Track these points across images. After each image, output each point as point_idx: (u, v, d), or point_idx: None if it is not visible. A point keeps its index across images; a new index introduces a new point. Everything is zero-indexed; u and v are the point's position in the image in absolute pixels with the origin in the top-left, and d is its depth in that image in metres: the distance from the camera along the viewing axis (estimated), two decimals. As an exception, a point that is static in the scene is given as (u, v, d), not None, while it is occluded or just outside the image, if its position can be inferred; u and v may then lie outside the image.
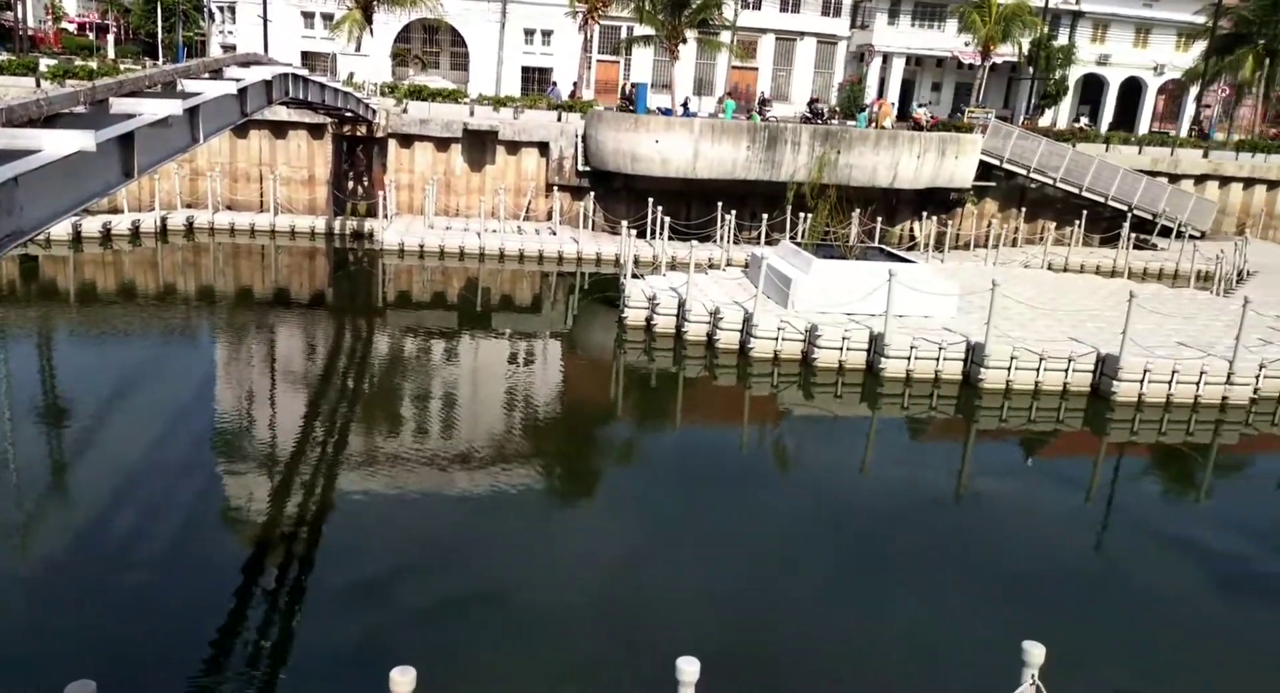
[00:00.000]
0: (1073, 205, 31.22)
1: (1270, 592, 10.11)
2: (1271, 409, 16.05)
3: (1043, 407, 15.70)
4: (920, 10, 43.59)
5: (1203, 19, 40.59)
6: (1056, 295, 20.84)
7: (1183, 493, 13.94)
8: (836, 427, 15.49)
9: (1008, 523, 11.72)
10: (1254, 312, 16.34)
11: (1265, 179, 34.65)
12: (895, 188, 28.94)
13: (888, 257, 19.82)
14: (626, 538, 10.50)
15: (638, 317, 18.80)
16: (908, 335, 16.28)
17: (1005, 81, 46.94)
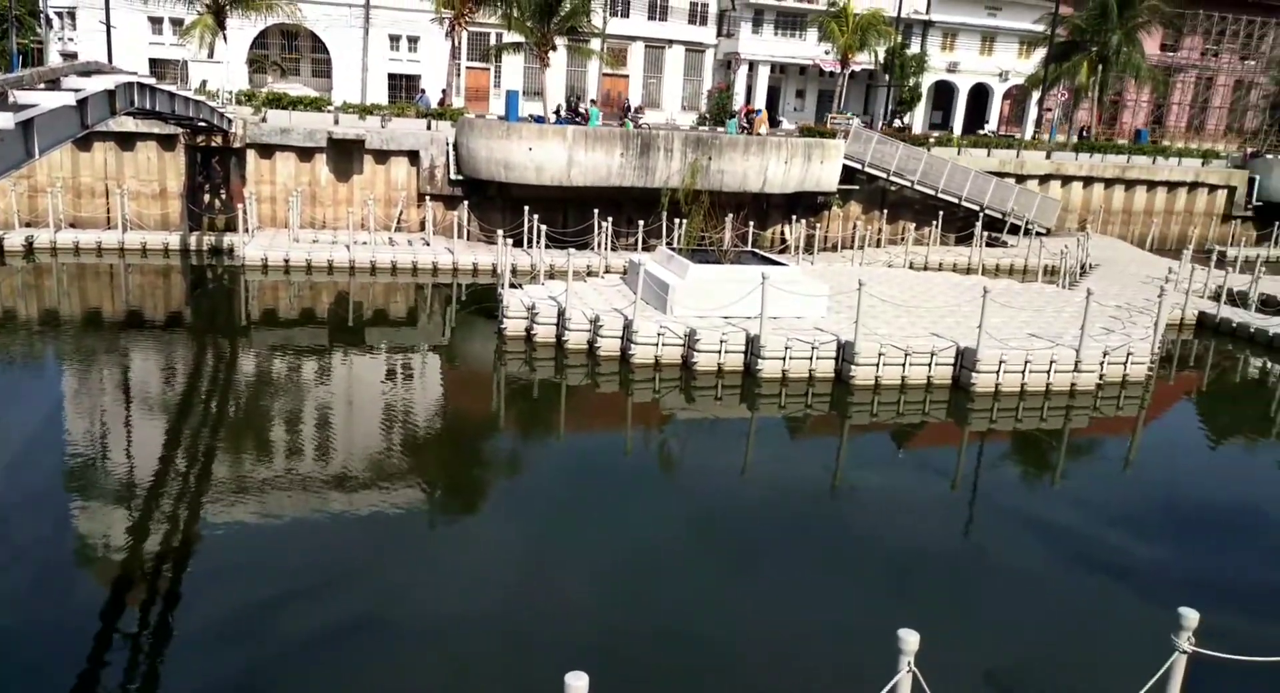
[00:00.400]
0: (930, 206, 32.80)
1: (1120, 564, 10.85)
2: (1115, 394, 17.27)
3: (909, 400, 16.40)
4: (782, 20, 44.94)
5: (1042, 28, 43.40)
6: (918, 293, 21.82)
7: (1039, 476, 14.81)
8: (718, 429, 15.76)
9: (882, 514, 12.18)
10: (1096, 303, 17.54)
11: (1102, 178, 37.32)
12: (766, 192, 29.73)
13: (761, 260, 20.31)
14: (512, 552, 10.38)
15: (517, 327, 18.63)
16: (782, 336, 16.72)
17: (865, 88, 48.92)
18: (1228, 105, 54.71)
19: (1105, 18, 40.13)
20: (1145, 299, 22.26)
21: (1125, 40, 40.51)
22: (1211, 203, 39.17)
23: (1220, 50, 53.25)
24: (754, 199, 29.95)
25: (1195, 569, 10.85)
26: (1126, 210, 37.98)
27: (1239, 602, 9.91)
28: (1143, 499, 13.27)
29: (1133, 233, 37.44)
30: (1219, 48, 53.17)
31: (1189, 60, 52.68)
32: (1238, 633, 8.21)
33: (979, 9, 47.78)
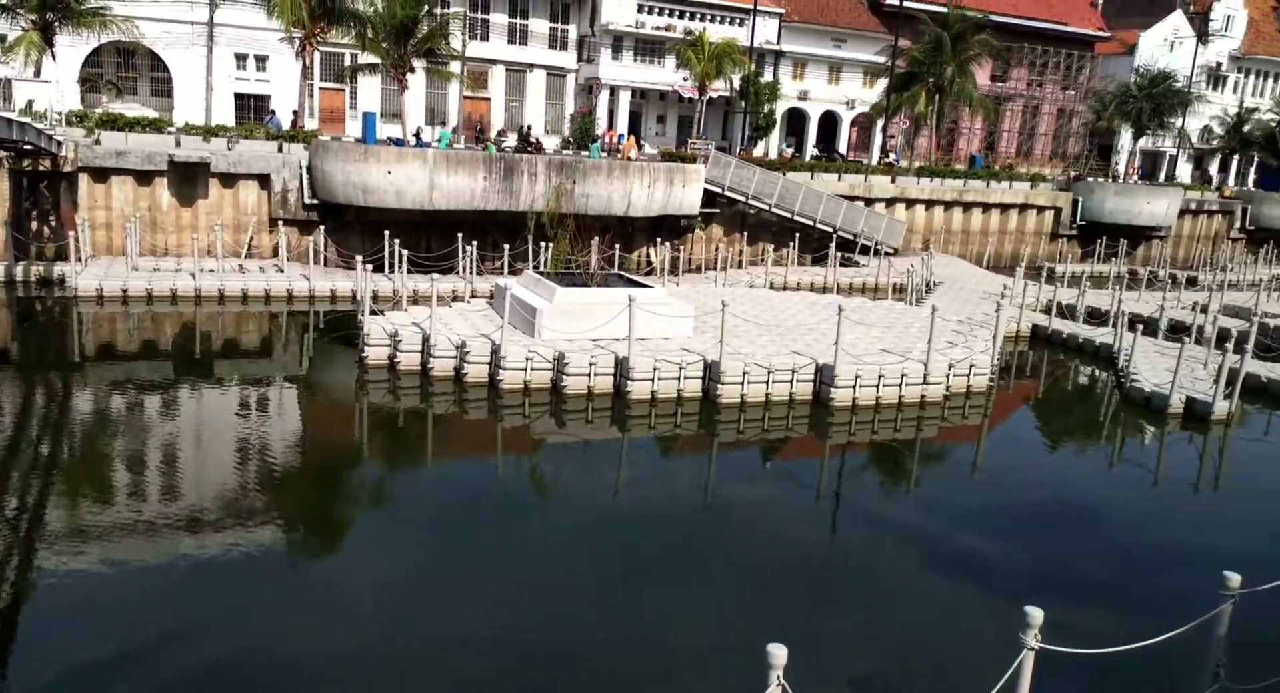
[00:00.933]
0: (787, 228, 34.01)
1: (972, 565, 11.45)
2: (961, 404, 18.30)
3: (774, 416, 16.87)
4: (641, 47, 45.76)
5: (883, 60, 45.90)
6: (779, 312, 22.53)
7: (895, 484, 15.49)
8: (589, 451, 15.73)
9: (751, 528, 12.43)
10: (940, 318, 18.58)
11: (942, 200, 39.67)
12: (630, 216, 30.09)
13: (627, 282, 20.50)
14: (379, 589, 10.00)
15: (379, 355, 18.09)
16: (650, 357, 16.90)
17: (722, 114, 50.34)
18: (1052, 132, 59.30)
19: (940, 51, 42.83)
20: (984, 314, 23.74)
21: (959, 72, 43.32)
22: (1040, 223, 42.27)
23: (1044, 81, 57.72)
24: (619, 222, 30.26)
25: (1040, 567, 11.57)
26: (965, 230, 40.48)
27: (1081, 596, 10.62)
28: (989, 502, 14.08)
29: (971, 251, 39.91)
30: (1043, 79, 57.62)
31: (1017, 90, 56.83)
32: (1080, 626, 8.79)
33: (826, 41, 50.07)
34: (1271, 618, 8.56)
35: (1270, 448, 17.87)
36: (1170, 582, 11.13)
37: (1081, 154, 57.75)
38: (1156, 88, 47.85)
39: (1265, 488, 15.36)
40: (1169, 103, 48.15)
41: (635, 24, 44.85)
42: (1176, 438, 17.44)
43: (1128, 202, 42.16)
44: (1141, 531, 13.19)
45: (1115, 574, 11.51)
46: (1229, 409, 17.61)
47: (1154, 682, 8.01)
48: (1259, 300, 28.30)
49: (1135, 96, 47.97)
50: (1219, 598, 7.19)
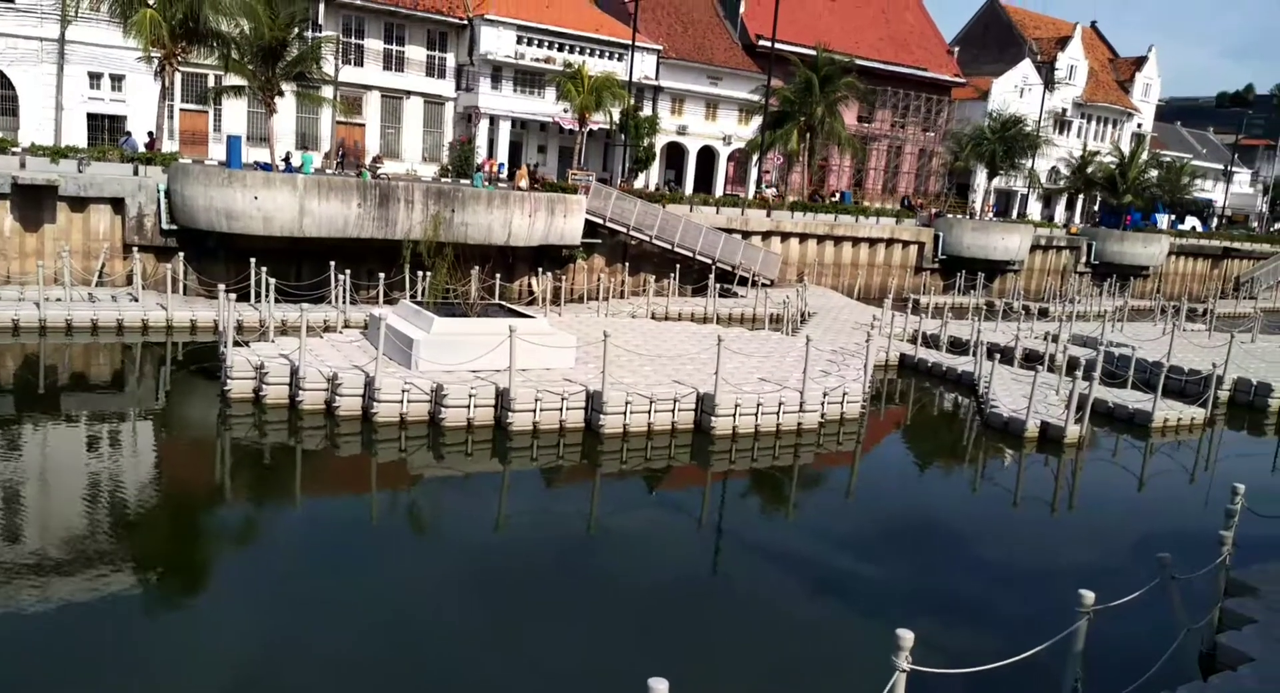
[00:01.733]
0: (668, 259, 34.47)
1: (849, 589, 11.69)
2: (835, 431, 18.81)
3: (656, 446, 16.90)
4: (521, 78, 45.80)
5: (757, 98, 47.43)
6: (660, 342, 22.72)
7: (774, 511, 15.73)
8: (470, 485, 15.34)
9: (635, 558, 12.36)
10: (815, 348, 19.11)
11: (814, 234, 41.10)
12: (511, 245, 29.86)
13: (508, 312, 20.26)
14: (248, 636, 9.40)
15: (244, 388, 17.21)
16: (532, 388, 16.69)
17: (603, 146, 50.86)
18: (914, 171, 62.51)
19: (810, 91, 44.58)
20: (855, 343, 24.59)
21: (828, 112, 45.17)
22: (906, 256, 44.33)
23: (906, 123, 60.89)
24: (500, 252, 29.98)
25: (911, 588, 11.92)
26: (836, 263, 42.03)
27: (949, 616, 10.99)
28: (863, 526, 14.47)
29: (842, 283, 41.43)
30: (905, 120, 60.79)
31: (881, 130, 59.73)
32: (949, 645, 9.07)
33: (702, 78, 51.40)
34: (1123, 632, 9.05)
35: (1117, 469, 19.08)
36: (1031, 600, 11.65)
37: (941, 193, 61.03)
38: (1008, 131, 51.15)
39: (1114, 507, 16.37)
40: (1020, 145, 51.53)
41: (514, 55, 44.89)
42: (1033, 461, 18.41)
43: (984, 237, 44.74)
44: (1003, 550, 13.80)
45: (980, 594, 11.98)
46: (1079, 433, 18.74)
47: (1019, 697, 8.31)
48: (1104, 330, 30.39)
49: (989, 139, 51.12)
50: (1075, 615, 7.55)
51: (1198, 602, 9.37)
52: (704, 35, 52.75)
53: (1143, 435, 20.38)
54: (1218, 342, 28.65)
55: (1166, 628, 8.68)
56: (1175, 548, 9.27)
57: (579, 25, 46.59)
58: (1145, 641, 8.77)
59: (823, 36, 50.54)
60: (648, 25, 48.43)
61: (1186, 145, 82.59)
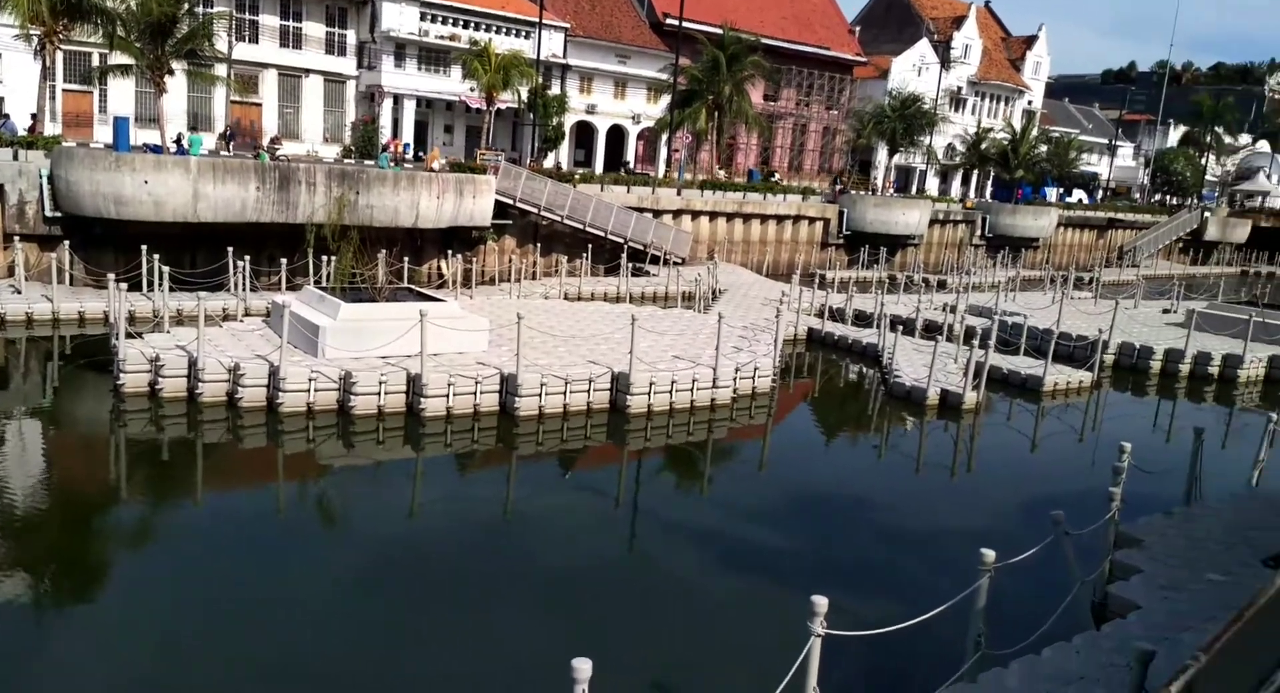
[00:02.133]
0: (580, 239, 34.36)
1: (765, 559, 11.97)
2: (747, 405, 19.16)
3: (572, 427, 16.93)
4: (425, 56, 44.78)
5: (666, 76, 47.45)
6: (574, 323, 22.69)
7: (690, 486, 15.97)
8: (381, 473, 15.09)
9: (554, 540, 12.38)
10: (727, 325, 19.40)
11: (724, 212, 41.52)
12: (419, 227, 29.29)
13: (418, 296, 19.92)
14: (151, 637, 9.09)
15: (138, 382, 16.49)
16: (445, 373, 16.48)
17: (511, 126, 50.22)
18: (819, 148, 63.66)
19: (717, 70, 44.89)
20: (765, 319, 25.04)
21: (735, 91, 45.59)
22: (812, 233, 45.20)
23: (811, 101, 61.91)
24: (407, 234, 29.38)
25: (824, 555, 12.30)
26: (745, 240, 42.59)
27: (860, 580, 11.39)
28: (776, 497, 14.81)
29: (751, 260, 42.02)
30: (809, 99, 61.79)
31: (787, 109, 60.59)
32: (862, 609, 9.40)
33: (610, 56, 51.18)
34: (1022, 587, 9.53)
35: (1012, 432, 19.97)
36: (936, 560, 12.15)
37: (844, 169, 62.37)
38: (908, 109, 52.54)
39: (1010, 469, 17.16)
40: (918, 123, 53.00)
41: (418, 32, 43.85)
42: (934, 427, 19.13)
43: (885, 213, 45.95)
44: (908, 514, 14.32)
45: (889, 557, 12.44)
46: (977, 399, 19.56)
47: (927, 655, 8.67)
48: (998, 300, 31.66)
49: (890, 117, 52.41)
50: (977, 573, 7.91)
51: (1089, 555, 9.92)
52: (611, 13, 52.49)
53: (1035, 400, 21.38)
54: (1103, 308, 30.17)
55: (1062, 582, 9.17)
56: (1068, 505, 9.79)
57: (485, 2, 45.77)
58: (1042, 594, 9.26)
59: (728, 15, 50.89)
60: (554, 3, 47.88)
61: (1074, 121, 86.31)
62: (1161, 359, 25.07)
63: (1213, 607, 9.27)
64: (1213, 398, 23.71)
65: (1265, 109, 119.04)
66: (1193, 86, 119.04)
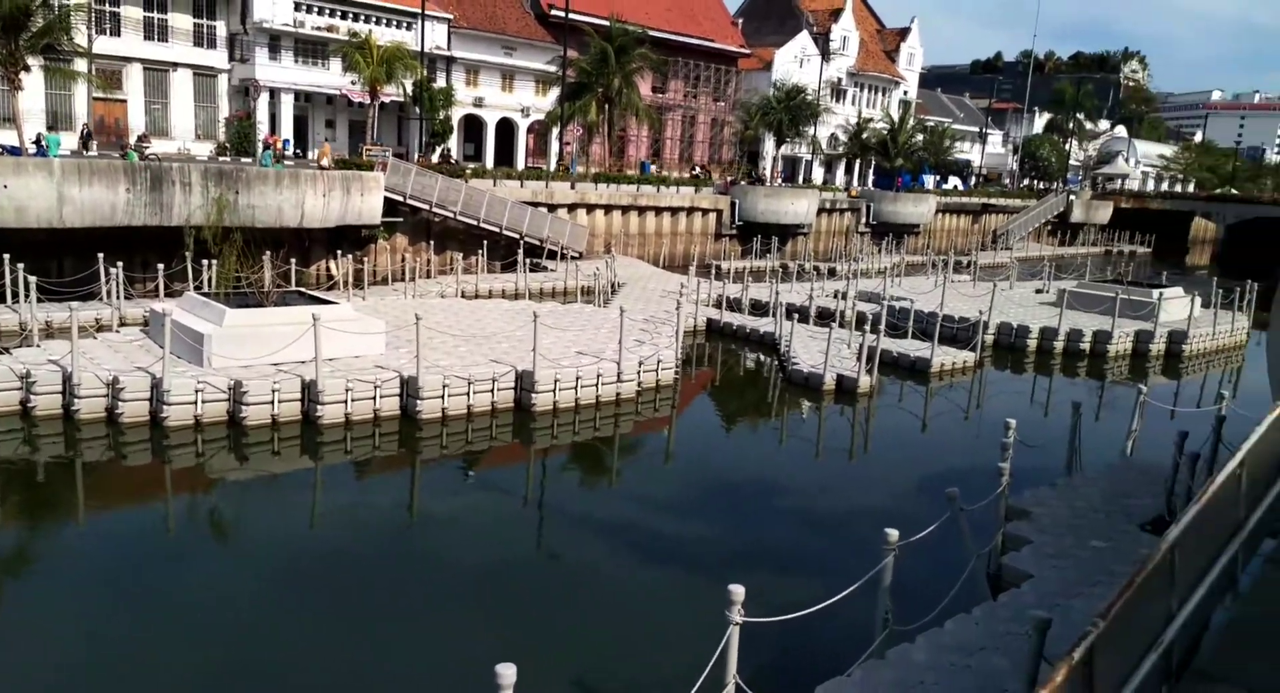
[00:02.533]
0: (474, 236, 33.85)
1: (679, 550, 12.11)
2: (652, 398, 19.31)
3: (477, 427, 16.71)
4: (302, 48, 43.21)
5: (554, 68, 47.13)
6: (474, 321, 22.38)
7: (600, 482, 16.01)
8: (278, 485, 14.56)
9: (464, 544, 12.22)
10: (629, 319, 19.48)
11: (619, 205, 41.62)
12: (305, 227, 28.29)
13: (309, 299, 19.27)
14: (30, 668, 8.53)
15: (9, 400, 15.42)
16: (341, 378, 16.01)
17: (396, 120, 49.00)
18: (708, 139, 64.48)
19: (606, 62, 44.86)
20: (665, 311, 25.27)
21: (625, 83, 45.67)
22: (706, 224, 45.80)
23: (698, 93, 62.58)
24: (293, 235, 28.34)
25: (736, 543, 12.52)
26: (641, 233, 42.83)
27: (773, 566, 11.65)
28: (684, 488, 15.00)
29: (648, 253, 42.30)
30: (697, 91, 62.46)
31: (675, 101, 61.09)
32: (777, 594, 9.62)
33: (496, 48, 50.49)
34: (923, 563, 9.93)
35: (905, 414, 20.76)
36: (843, 542, 12.56)
37: (734, 161, 63.39)
38: (792, 100, 53.74)
39: (906, 449, 17.85)
40: (803, 114, 54.30)
41: (293, 23, 42.26)
42: (831, 411, 19.71)
43: (776, 203, 46.96)
44: (814, 498, 14.74)
45: (798, 541, 12.78)
46: (870, 383, 20.25)
47: (839, 634, 8.95)
48: (885, 286, 32.80)
49: (776, 108, 53.50)
50: (881, 552, 8.20)
51: (983, 529, 10.41)
52: (495, 4, 51.76)
53: (924, 381, 22.28)
54: (981, 291, 31.64)
55: (959, 556, 9.60)
56: (960, 482, 10.25)
57: (362, -7, 44.42)
58: (942, 569, 9.67)
59: (615, 7, 50.87)
60: (435, -6, 46.88)
61: (946, 110, 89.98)
62: (1037, 337, 26.48)
63: (1098, 573, 9.89)
64: (1085, 373, 25.20)
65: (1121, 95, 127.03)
66: (1055, 75, 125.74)
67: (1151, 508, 11.94)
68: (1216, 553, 6.34)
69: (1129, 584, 4.98)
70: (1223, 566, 6.29)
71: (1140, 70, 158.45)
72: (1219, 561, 6.28)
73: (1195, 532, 5.77)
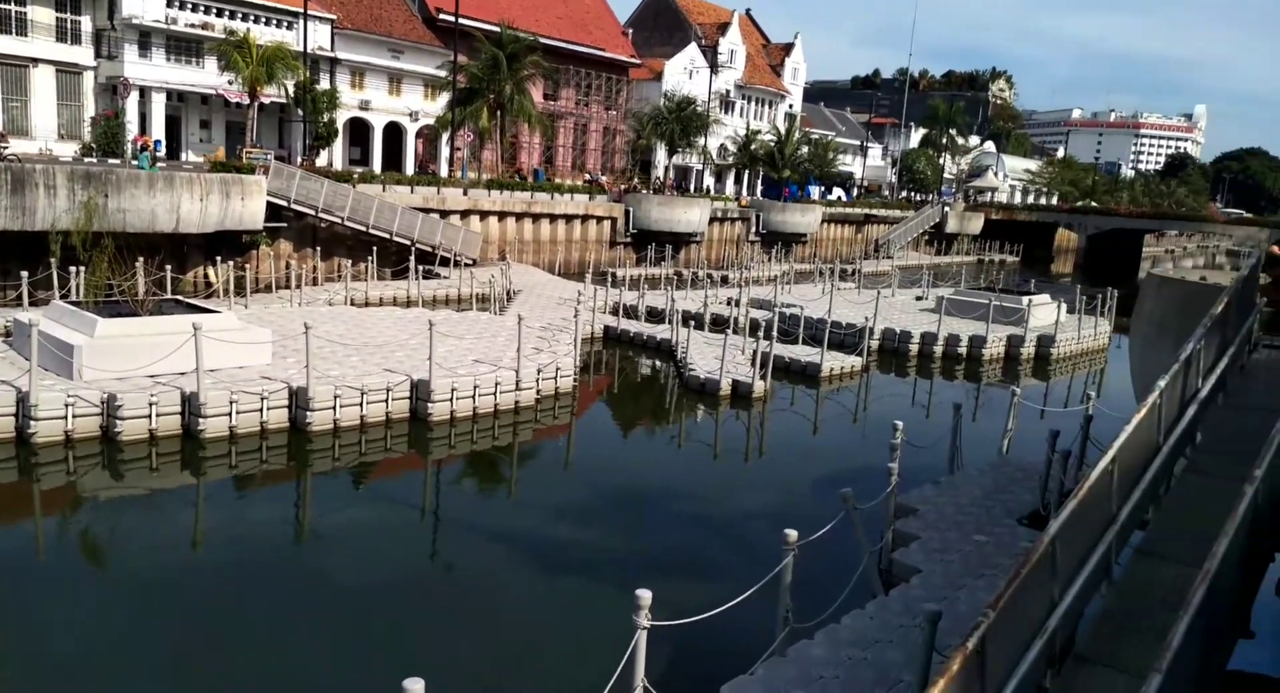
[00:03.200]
0: (363, 242, 33.04)
1: (585, 558, 12.12)
2: (551, 405, 19.26)
3: (371, 439, 16.30)
4: (175, 46, 41.29)
5: (444, 73, 46.52)
6: (365, 330, 21.82)
7: (499, 491, 15.86)
8: (158, 503, 13.83)
9: (360, 560, 11.89)
10: (526, 326, 19.37)
11: (513, 212, 41.35)
12: (181, 232, 27.04)
13: (188, 308, 18.39)
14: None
15: None
16: (225, 390, 15.36)
17: (278, 122, 47.36)
18: (601, 148, 64.78)
19: (497, 69, 44.57)
20: (562, 318, 25.24)
21: (516, 89, 45.45)
22: (600, 231, 46.00)
23: (590, 101, 62.83)
24: (169, 240, 27.03)
25: (640, 549, 12.62)
26: (536, 240, 42.67)
27: (678, 570, 11.78)
28: (586, 495, 15.02)
29: (543, 260, 42.19)
30: (588, 99, 62.70)
31: (567, 109, 61.16)
32: (682, 597, 9.74)
33: (383, 51, 49.45)
34: (820, 562, 10.23)
35: (798, 417, 21.35)
36: (744, 544, 12.81)
37: (627, 169, 63.89)
38: (683, 111, 54.58)
39: (800, 452, 18.35)
40: (693, 124, 55.20)
41: (165, 19, 40.37)
42: (728, 416, 20.09)
43: (669, 212, 47.57)
44: (714, 502, 14.99)
45: (700, 544, 12.97)
46: (765, 388, 20.74)
47: (743, 634, 9.12)
48: (776, 293, 33.67)
49: (667, 118, 54.22)
50: (781, 553, 8.43)
51: (875, 527, 10.82)
52: (381, 6, 50.73)
53: (815, 385, 22.97)
54: (866, 298, 32.84)
55: (854, 554, 9.95)
56: (852, 482, 10.62)
57: (241, -11, 42.82)
58: (838, 567, 9.99)
59: (503, 13, 50.63)
60: (319, -7, 45.62)
61: (829, 124, 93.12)
62: (919, 342, 27.66)
63: (981, 566, 10.42)
64: (963, 375, 26.47)
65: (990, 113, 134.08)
66: (929, 92, 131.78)
67: (1028, 503, 12.66)
68: (1092, 545, 6.79)
69: (1015, 576, 5.30)
70: (1098, 556, 6.74)
71: (1007, 89, 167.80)
72: (1095, 552, 6.73)
73: (1073, 525, 6.17)
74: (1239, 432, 9.43)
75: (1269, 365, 12.70)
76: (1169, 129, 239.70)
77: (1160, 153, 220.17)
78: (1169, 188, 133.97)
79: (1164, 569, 7.28)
